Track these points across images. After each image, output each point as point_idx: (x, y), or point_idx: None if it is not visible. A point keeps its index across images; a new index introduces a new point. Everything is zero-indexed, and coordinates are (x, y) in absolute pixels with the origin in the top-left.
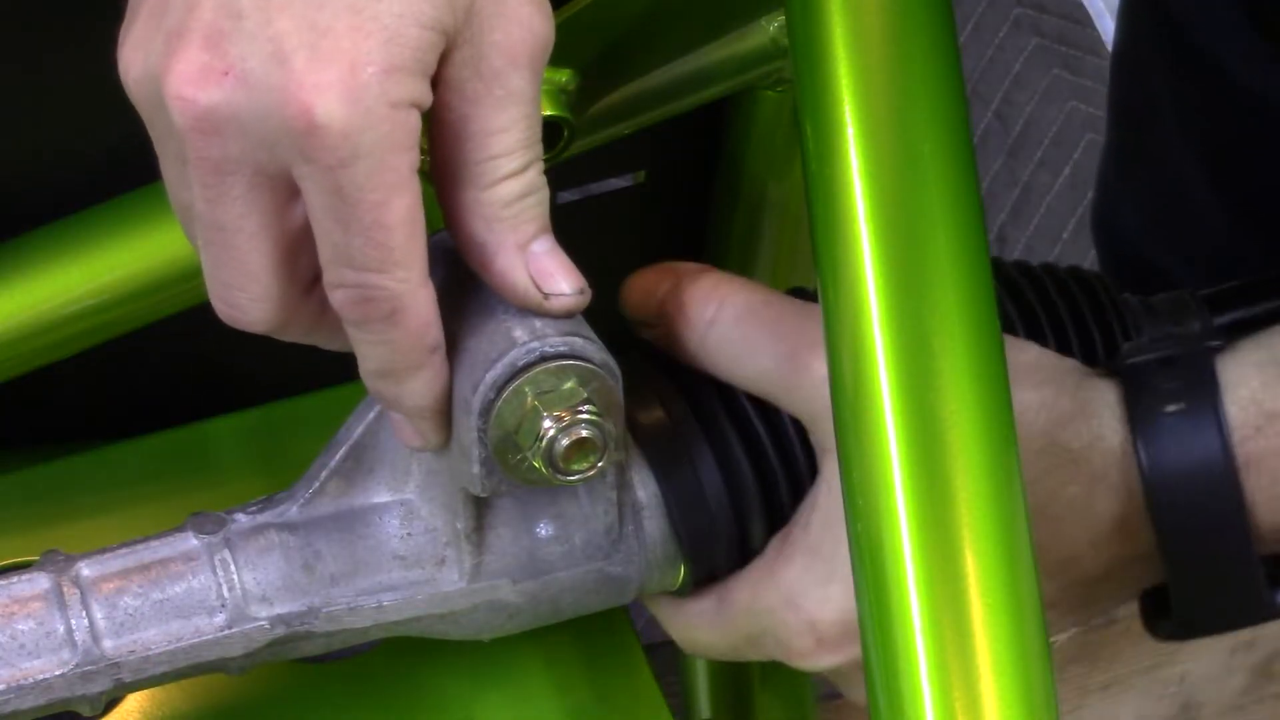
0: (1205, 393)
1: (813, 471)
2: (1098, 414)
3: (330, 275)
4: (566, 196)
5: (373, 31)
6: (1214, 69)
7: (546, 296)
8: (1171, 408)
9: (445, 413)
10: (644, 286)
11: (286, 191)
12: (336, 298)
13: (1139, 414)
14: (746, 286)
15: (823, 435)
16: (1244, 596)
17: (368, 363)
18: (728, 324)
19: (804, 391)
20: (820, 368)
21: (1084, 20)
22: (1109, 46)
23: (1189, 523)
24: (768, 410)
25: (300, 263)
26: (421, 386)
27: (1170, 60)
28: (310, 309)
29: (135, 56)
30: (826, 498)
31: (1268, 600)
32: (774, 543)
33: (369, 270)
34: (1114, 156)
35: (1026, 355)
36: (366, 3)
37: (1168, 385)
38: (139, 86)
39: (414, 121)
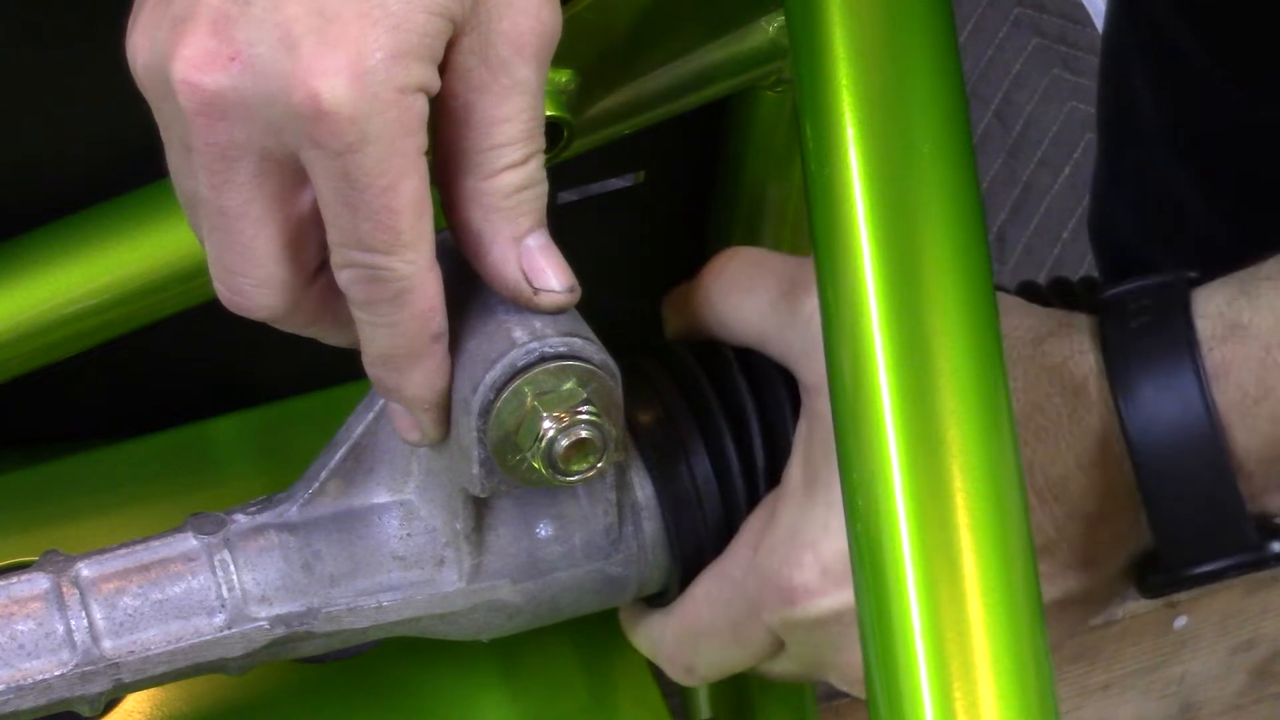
0: (1173, 306)
1: None
2: (1075, 333)
3: (338, 257)
4: (566, 196)
5: (380, 18)
6: (1186, 67)
7: (536, 291)
8: (1138, 321)
9: (445, 407)
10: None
11: (292, 177)
12: (344, 277)
13: (1109, 329)
14: (760, 248)
15: (809, 373)
16: (1224, 519)
17: (371, 347)
18: (732, 272)
19: (794, 330)
20: (810, 303)
21: (1084, 20)
22: None
23: (1162, 439)
24: (766, 408)
25: (305, 249)
26: (423, 376)
27: (1148, 60)
28: (314, 297)
29: (142, 42)
30: (823, 430)
31: (1248, 533)
32: (761, 505)
33: (377, 252)
34: (1103, 163)
35: (1012, 299)
36: None
37: (1137, 304)
38: (146, 72)
39: (421, 106)
